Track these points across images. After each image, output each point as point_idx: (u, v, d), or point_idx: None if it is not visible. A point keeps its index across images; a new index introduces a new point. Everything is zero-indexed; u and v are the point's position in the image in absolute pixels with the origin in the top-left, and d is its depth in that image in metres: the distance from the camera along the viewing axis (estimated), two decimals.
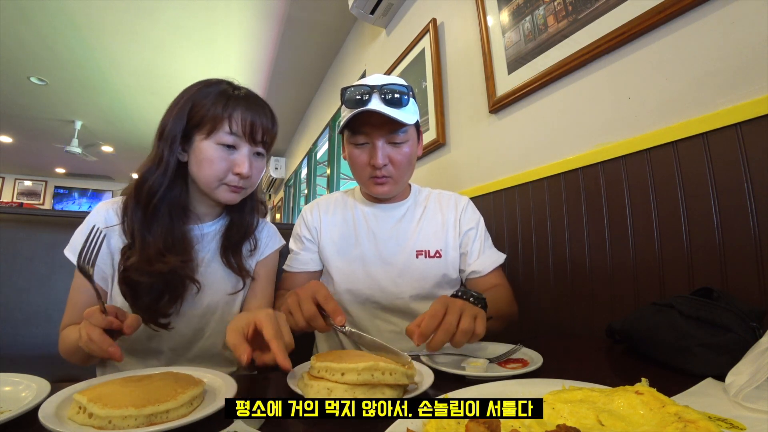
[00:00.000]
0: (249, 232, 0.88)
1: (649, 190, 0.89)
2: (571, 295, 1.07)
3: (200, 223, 0.85)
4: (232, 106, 0.76)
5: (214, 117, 0.75)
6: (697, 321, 0.60)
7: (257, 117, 0.78)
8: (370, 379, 0.46)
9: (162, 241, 0.74)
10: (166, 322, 0.76)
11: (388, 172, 0.93)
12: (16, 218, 1.03)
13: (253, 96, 0.81)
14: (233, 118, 0.75)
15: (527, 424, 0.37)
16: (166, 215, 0.76)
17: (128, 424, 0.41)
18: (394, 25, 2.32)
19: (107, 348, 0.55)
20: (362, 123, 0.89)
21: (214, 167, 0.76)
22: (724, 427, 0.37)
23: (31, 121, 5.41)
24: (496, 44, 1.39)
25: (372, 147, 0.91)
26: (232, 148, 0.77)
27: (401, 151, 0.92)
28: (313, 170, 4.48)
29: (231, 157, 0.77)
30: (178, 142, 0.76)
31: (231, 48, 3.55)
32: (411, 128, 0.93)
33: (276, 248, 0.95)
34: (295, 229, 1.06)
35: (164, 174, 0.75)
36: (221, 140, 0.75)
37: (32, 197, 8.51)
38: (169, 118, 0.76)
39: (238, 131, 0.76)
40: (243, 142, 0.77)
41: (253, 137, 0.78)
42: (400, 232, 1.00)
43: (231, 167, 0.77)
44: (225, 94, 0.77)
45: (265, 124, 0.79)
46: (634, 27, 0.91)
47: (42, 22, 3.11)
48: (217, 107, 0.75)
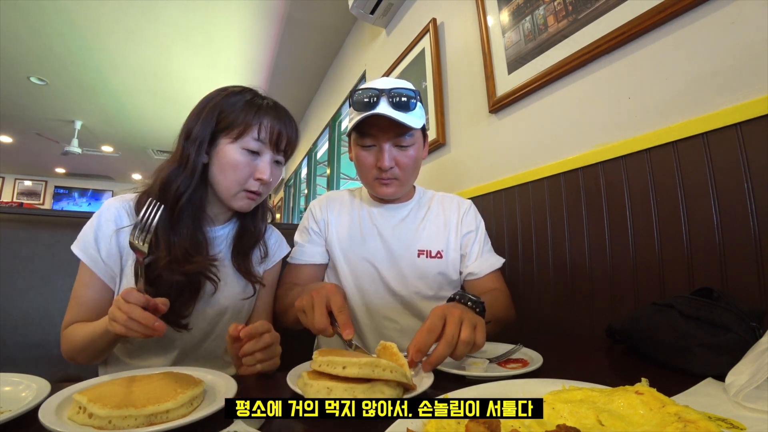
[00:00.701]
0: (259, 238, 0.90)
1: (649, 190, 0.89)
2: (571, 295, 1.07)
3: (212, 226, 0.86)
4: (262, 113, 0.79)
5: (245, 122, 0.77)
6: (697, 321, 0.60)
7: (284, 127, 0.81)
8: (371, 374, 0.46)
9: (189, 242, 0.76)
10: (185, 323, 0.76)
11: (393, 174, 0.94)
12: (16, 218, 1.03)
13: (281, 107, 0.84)
14: (263, 125, 0.78)
15: (527, 424, 0.37)
16: (189, 217, 0.77)
17: (128, 424, 0.41)
18: (394, 25, 2.32)
19: (152, 323, 0.55)
20: (370, 125, 0.90)
21: (238, 172, 0.78)
22: (724, 427, 0.37)
23: (31, 121, 5.41)
24: (496, 44, 1.39)
25: (379, 149, 0.92)
26: (255, 154, 0.79)
27: (407, 153, 0.94)
28: (313, 170, 4.48)
29: (254, 163, 0.79)
30: (205, 144, 0.77)
31: (231, 48, 3.55)
32: (417, 131, 0.94)
33: (283, 256, 0.97)
34: (302, 222, 1.07)
35: (191, 176, 0.76)
36: (247, 145, 0.77)
37: (32, 197, 8.51)
38: (196, 121, 0.78)
39: (264, 138, 0.78)
40: (267, 149, 0.80)
41: (278, 145, 0.81)
42: (403, 231, 1.01)
43: (252, 173, 0.79)
44: (254, 102, 0.80)
45: (290, 134, 0.82)
46: (634, 27, 0.91)
47: (42, 22, 3.11)
48: (248, 114, 0.78)
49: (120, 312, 0.56)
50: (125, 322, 0.56)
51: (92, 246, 0.74)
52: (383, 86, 0.89)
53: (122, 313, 0.56)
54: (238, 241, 0.87)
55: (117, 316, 0.56)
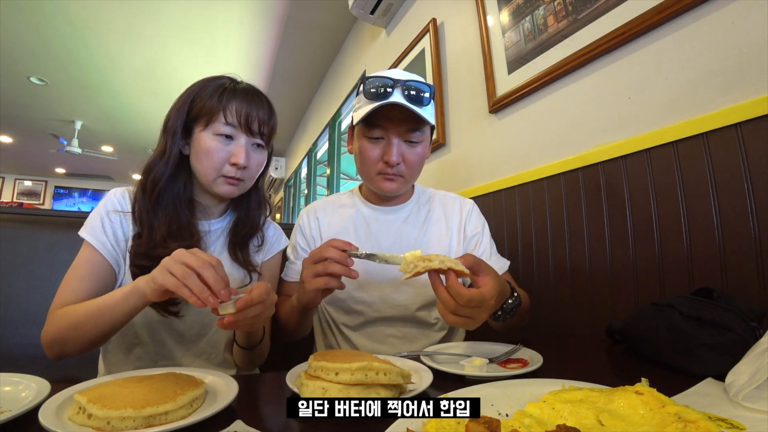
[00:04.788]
0: (255, 228, 0.90)
1: (649, 190, 0.89)
2: (571, 294, 1.07)
3: (208, 219, 0.86)
4: (227, 97, 0.78)
5: (211, 108, 0.77)
6: (697, 321, 0.60)
7: (253, 108, 0.79)
8: (364, 379, 0.46)
9: (167, 227, 0.77)
10: (176, 310, 0.77)
11: (399, 171, 0.89)
12: (16, 218, 1.03)
13: (253, 89, 0.83)
14: (228, 109, 0.77)
15: (527, 424, 0.37)
16: (170, 204, 0.79)
17: (126, 425, 0.41)
18: (394, 25, 2.32)
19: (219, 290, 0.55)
20: (381, 116, 0.85)
21: (212, 158, 0.77)
22: (724, 427, 0.37)
23: (31, 121, 5.41)
24: (496, 44, 1.39)
25: (387, 143, 0.87)
26: (229, 139, 0.78)
27: (416, 151, 0.89)
28: (313, 170, 4.48)
29: (228, 148, 0.78)
30: (179, 134, 0.79)
31: (231, 48, 3.55)
32: (427, 129, 0.90)
33: (281, 249, 0.96)
34: (292, 235, 1.03)
35: (167, 164, 0.78)
36: (218, 131, 0.77)
37: (32, 197, 8.52)
38: (173, 112, 0.80)
39: (233, 122, 0.77)
40: (240, 132, 0.79)
41: (250, 128, 0.79)
42: (402, 237, 0.96)
43: (228, 158, 0.78)
44: (222, 87, 0.79)
45: (262, 115, 0.80)
46: (634, 27, 0.91)
47: (42, 22, 3.11)
48: (213, 99, 0.77)
49: (182, 266, 0.54)
50: (186, 277, 0.53)
51: (99, 229, 0.76)
52: (398, 77, 0.84)
53: (186, 268, 0.54)
54: (234, 232, 0.87)
55: (177, 270, 0.54)
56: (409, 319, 0.94)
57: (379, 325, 0.94)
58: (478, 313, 0.60)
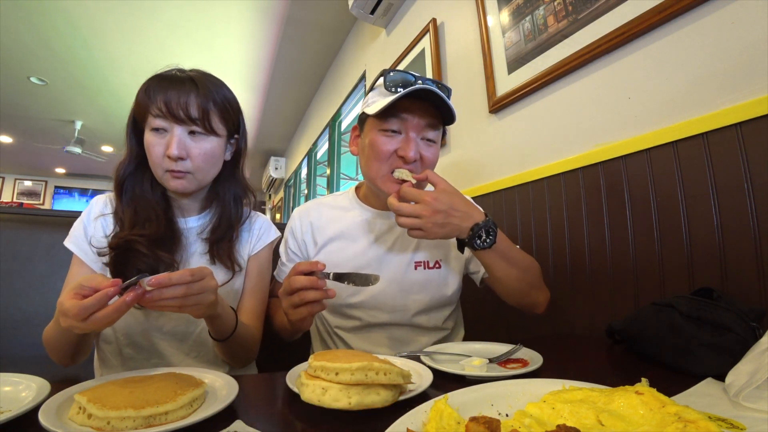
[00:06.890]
0: (234, 223, 0.87)
1: (649, 189, 0.89)
2: (571, 294, 1.07)
3: (184, 217, 0.85)
4: (153, 89, 0.75)
5: (144, 104, 0.75)
6: (697, 321, 0.60)
7: (181, 95, 0.74)
8: (364, 379, 0.46)
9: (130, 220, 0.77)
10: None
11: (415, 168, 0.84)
12: (16, 218, 1.03)
13: (186, 77, 0.78)
14: (155, 102, 0.74)
15: (527, 423, 0.37)
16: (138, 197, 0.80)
17: (126, 425, 0.41)
18: (394, 25, 2.32)
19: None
20: (400, 108, 0.80)
21: (151, 154, 0.76)
22: (724, 427, 0.37)
23: (31, 121, 5.41)
24: (496, 44, 1.39)
25: (405, 138, 0.82)
26: (164, 132, 0.76)
27: (432, 150, 0.84)
28: (313, 170, 4.48)
29: (163, 141, 0.76)
30: (130, 134, 0.81)
31: (231, 48, 3.55)
32: (440, 132, 0.87)
33: (269, 242, 0.93)
34: (285, 234, 1.01)
35: (129, 163, 0.81)
36: (152, 125, 0.75)
37: (32, 197, 8.51)
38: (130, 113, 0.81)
39: (162, 113, 0.74)
40: (173, 123, 0.75)
41: (176, 116, 0.74)
42: (398, 241, 0.93)
43: (164, 151, 0.76)
44: (152, 80, 0.77)
45: (189, 100, 0.75)
46: (634, 27, 0.91)
47: (42, 22, 3.11)
48: (143, 94, 0.76)
49: (64, 317, 0.53)
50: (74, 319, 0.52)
51: (82, 238, 0.77)
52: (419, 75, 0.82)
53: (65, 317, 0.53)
54: (212, 230, 0.85)
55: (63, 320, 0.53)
56: (406, 324, 0.92)
57: (376, 330, 0.92)
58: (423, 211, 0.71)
